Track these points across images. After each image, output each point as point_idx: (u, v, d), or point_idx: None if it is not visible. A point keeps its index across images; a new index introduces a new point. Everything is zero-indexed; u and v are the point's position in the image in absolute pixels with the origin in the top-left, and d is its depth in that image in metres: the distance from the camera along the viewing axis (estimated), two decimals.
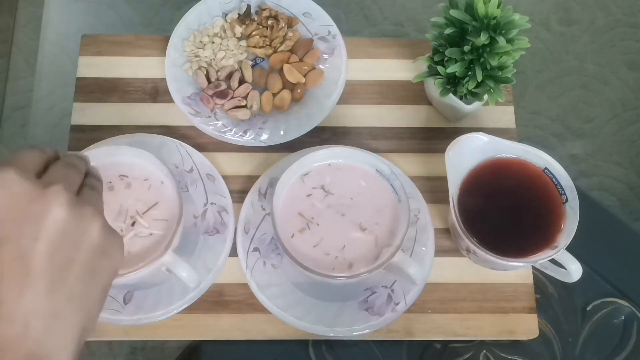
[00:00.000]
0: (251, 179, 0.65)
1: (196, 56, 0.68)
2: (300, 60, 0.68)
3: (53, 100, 1.30)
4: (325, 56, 0.69)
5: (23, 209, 0.37)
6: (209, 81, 0.67)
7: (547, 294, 0.65)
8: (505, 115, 0.69)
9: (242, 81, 0.68)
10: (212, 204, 0.63)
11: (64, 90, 1.30)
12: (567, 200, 0.58)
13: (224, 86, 0.66)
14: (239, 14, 0.70)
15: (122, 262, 0.41)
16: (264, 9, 0.69)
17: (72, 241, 0.37)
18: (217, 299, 0.62)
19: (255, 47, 0.69)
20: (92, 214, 0.39)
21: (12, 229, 0.36)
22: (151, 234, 0.56)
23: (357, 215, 0.58)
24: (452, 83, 0.63)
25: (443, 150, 0.59)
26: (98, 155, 0.58)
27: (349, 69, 0.68)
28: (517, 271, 0.63)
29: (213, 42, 0.68)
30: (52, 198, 0.37)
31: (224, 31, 0.69)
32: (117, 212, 0.57)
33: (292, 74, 0.67)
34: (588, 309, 0.65)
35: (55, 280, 0.36)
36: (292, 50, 0.69)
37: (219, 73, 0.68)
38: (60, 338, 0.36)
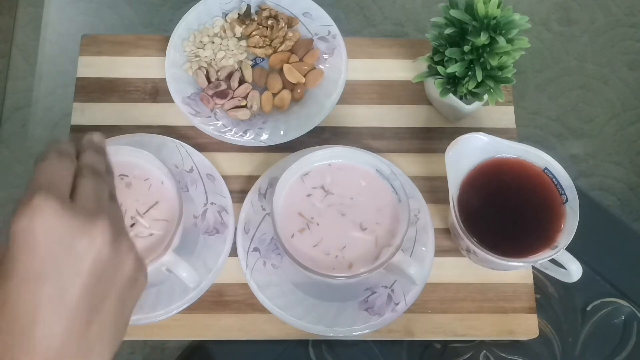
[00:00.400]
0: (251, 179, 0.65)
1: (196, 56, 0.68)
2: (300, 60, 0.68)
3: (53, 100, 1.30)
4: (325, 56, 0.69)
5: (66, 244, 0.35)
6: (209, 81, 0.67)
7: (547, 294, 0.65)
8: (505, 115, 0.69)
9: (242, 81, 0.68)
10: (212, 204, 0.63)
11: (64, 90, 1.30)
12: (567, 200, 0.58)
13: (224, 86, 0.66)
14: (239, 14, 0.70)
15: (145, 287, 0.41)
16: (264, 9, 0.69)
17: (110, 276, 0.37)
18: (217, 299, 0.62)
19: (255, 47, 0.69)
20: (129, 247, 0.39)
21: (53, 264, 0.35)
22: (151, 234, 0.56)
23: (357, 215, 0.58)
24: (452, 83, 0.63)
25: (443, 150, 0.59)
26: None
27: (349, 69, 0.68)
28: (517, 271, 0.63)
29: (213, 42, 0.68)
30: (97, 235, 0.36)
31: (224, 31, 0.69)
32: None
33: (292, 74, 0.67)
34: (588, 309, 0.65)
35: (91, 316, 0.36)
36: (292, 50, 0.69)
37: (219, 73, 0.68)
38: None
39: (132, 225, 0.56)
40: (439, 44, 0.62)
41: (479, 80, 0.59)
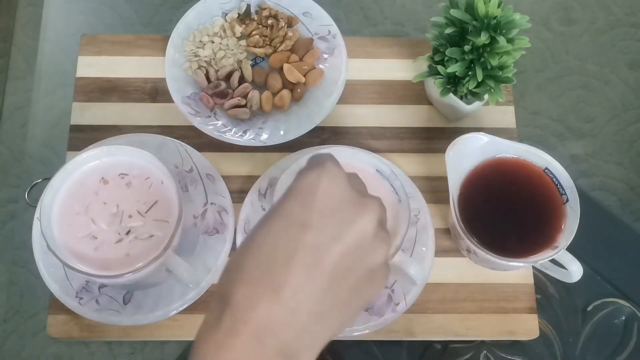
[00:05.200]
0: (251, 179, 0.65)
1: (196, 56, 0.68)
2: (300, 60, 0.68)
3: (53, 100, 1.29)
4: (325, 56, 0.69)
5: (337, 208, 0.37)
6: (209, 81, 0.67)
7: (547, 294, 0.65)
8: (505, 115, 0.69)
9: (242, 81, 0.68)
10: (211, 204, 0.63)
11: (63, 90, 1.29)
12: (567, 200, 0.58)
13: (223, 86, 0.66)
14: (238, 13, 0.69)
15: (376, 295, 0.43)
16: (264, 9, 0.69)
17: (360, 255, 0.37)
18: None
19: (255, 46, 0.69)
20: (385, 240, 0.39)
21: (320, 220, 0.36)
22: (152, 236, 0.56)
23: None
24: (453, 83, 0.63)
25: (443, 150, 0.59)
26: (98, 155, 0.58)
27: (349, 68, 0.68)
28: (517, 271, 0.63)
29: (213, 42, 0.68)
30: (368, 210, 0.38)
31: (224, 31, 0.69)
32: (112, 214, 0.57)
33: (292, 74, 0.67)
34: (589, 309, 0.64)
35: (333, 284, 0.36)
36: (292, 50, 0.69)
37: (219, 73, 0.68)
38: (315, 337, 0.36)
39: (128, 232, 0.56)
40: (439, 44, 0.62)
41: (480, 80, 0.59)
